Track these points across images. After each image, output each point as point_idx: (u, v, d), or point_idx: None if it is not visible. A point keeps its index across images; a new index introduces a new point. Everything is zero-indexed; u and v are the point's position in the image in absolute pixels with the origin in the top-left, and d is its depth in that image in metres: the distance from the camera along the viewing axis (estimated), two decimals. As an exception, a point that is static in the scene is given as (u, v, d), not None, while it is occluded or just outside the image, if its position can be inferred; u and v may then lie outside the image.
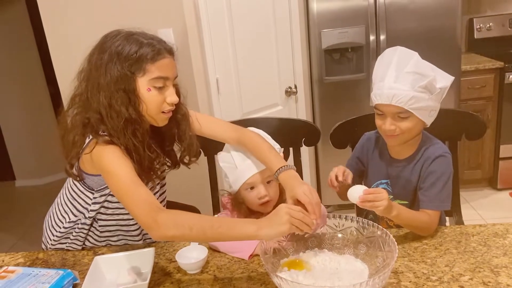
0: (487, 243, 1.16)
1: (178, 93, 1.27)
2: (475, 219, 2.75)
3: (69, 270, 1.16)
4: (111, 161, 1.13)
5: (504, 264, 1.06)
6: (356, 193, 1.13)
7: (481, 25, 3.29)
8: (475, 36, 3.31)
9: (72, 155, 1.21)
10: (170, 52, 1.21)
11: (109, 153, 1.14)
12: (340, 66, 2.77)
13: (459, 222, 1.54)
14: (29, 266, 1.27)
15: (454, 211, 1.58)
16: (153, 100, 1.18)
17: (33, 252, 1.36)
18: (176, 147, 1.39)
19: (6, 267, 1.18)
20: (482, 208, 2.90)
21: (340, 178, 1.28)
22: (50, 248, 1.39)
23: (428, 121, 1.28)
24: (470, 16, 3.31)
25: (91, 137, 1.17)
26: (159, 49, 1.16)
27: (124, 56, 1.13)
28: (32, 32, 3.92)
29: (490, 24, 3.28)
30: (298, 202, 1.12)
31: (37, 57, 4.00)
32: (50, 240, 1.38)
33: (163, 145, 1.34)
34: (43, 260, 1.32)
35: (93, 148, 1.15)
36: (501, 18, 3.28)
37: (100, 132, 1.16)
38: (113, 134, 1.15)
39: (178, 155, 1.39)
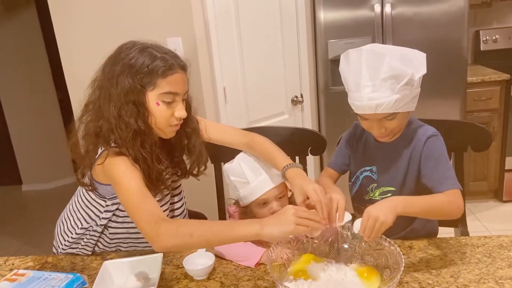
0: (492, 254, 1.17)
1: (188, 107, 1.30)
2: (480, 231, 2.74)
3: (79, 274, 1.18)
4: (120, 173, 1.16)
5: (509, 276, 1.07)
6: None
7: (487, 37, 3.31)
8: (481, 48, 3.33)
9: (85, 165, 1.23)
10: (183, 67, 1.22)
11: (119, 164, 1.16)
12: None
13: (464, 233, 1.55)
14: (38, 269, 1.29)
15: (459, 222, 1.58)
16: (161, 114, 1.19)
17: (43, 256, 1.38)
18: (185, 157, 1.41)
19: (16, 270, 1.20)
20: (487, 220, 2.89)
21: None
22: (61, 252, 1.41)
23: (413, 107, 1.23)
24: (477, 28, 3.33)
25: (103, 147, 1.19)
26: (171, 65, 1.17)
27: (136, 69, 1.15)
28: (42, 38, 3.98)
29: (496, 36, 3.30)
30: (306, 201, 1.14)
31: (46, 63, 4.06)
32: (62, 245, 1.40)
33: (173, 156, 1.36)
34: (52, 264, 1.33)
35: (105, 159, 1.17)
36: (507, 30, 3.30)
37: (111, 143, 1.18)
38: (122, 144, 1.17)
39: (188, 165, 1.40)
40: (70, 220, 1.39)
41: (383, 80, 1.13)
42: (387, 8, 2.62)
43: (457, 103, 2.74)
